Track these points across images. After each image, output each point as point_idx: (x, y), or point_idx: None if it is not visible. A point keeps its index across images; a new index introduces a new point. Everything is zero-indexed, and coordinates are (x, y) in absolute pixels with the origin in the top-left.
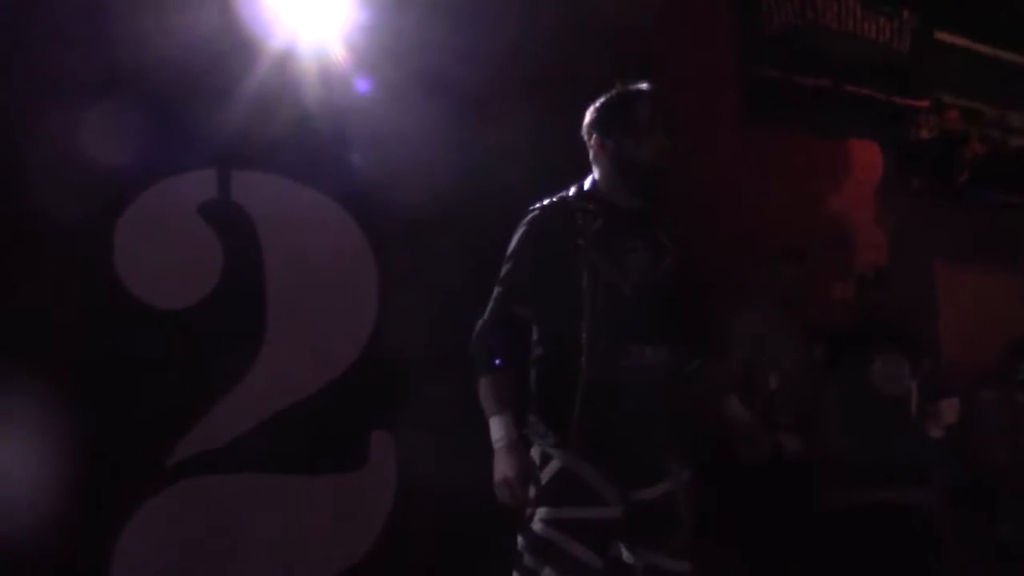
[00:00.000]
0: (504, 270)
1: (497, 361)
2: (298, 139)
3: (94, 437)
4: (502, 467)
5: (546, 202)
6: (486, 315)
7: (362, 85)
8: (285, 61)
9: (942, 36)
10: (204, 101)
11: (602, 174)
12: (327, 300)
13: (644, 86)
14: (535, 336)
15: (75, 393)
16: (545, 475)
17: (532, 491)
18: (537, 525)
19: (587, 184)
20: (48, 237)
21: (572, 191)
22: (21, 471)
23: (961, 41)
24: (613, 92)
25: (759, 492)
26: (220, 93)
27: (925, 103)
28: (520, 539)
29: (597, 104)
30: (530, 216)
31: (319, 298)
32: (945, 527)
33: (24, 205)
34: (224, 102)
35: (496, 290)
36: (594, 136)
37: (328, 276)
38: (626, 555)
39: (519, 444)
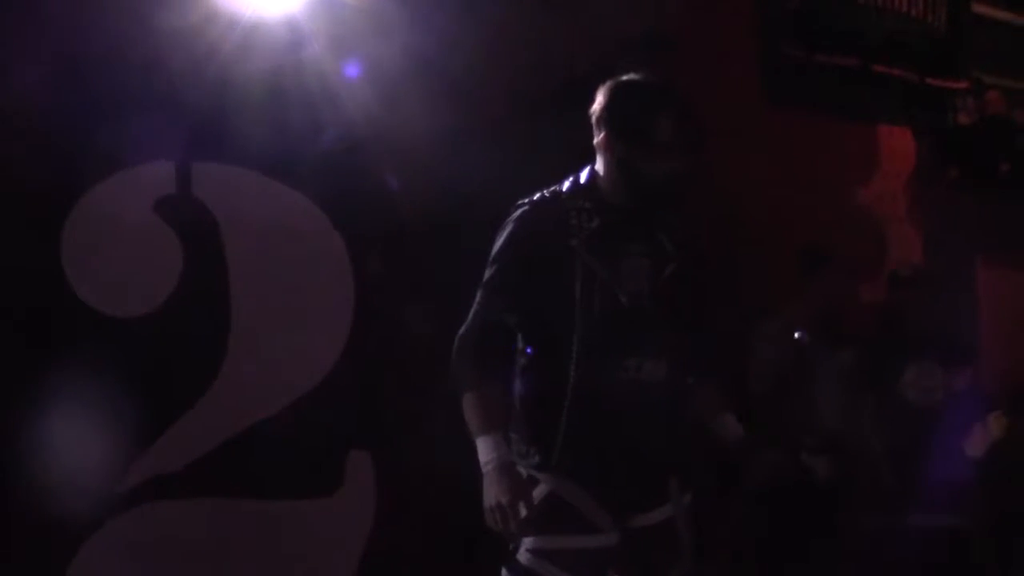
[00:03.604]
0: (488, 273)
1: (481, 375)
2: (267, 128)
3: (36, 460)
4: (493, 491)
5: (536, 197)
6: (468, 323)
7: (340, 69)
8: (253, 39)
9: (981, 9)
10: (161, 85)
11: (603, 170)
12: (297, 308)
13: (670, 86)
14: (519, 345)
15: (18, 411)
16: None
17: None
18: (524, 556)
19: (583, 177)
20: None
21: (566, 185)
22: None
23: (1003, 15)
24: (634, 81)
25: (781, 517)
26: (179, 76)
27: (963, 84)
28: (504, 572)
29: (614, 91)
30: (517, 213)
31: (288, 306)
32: (987, 556)
33: None
34: (183, 86)
35: (479, 295)
36: (603, 132)
37: (299, 282)
38: None
39: (511, 465)
